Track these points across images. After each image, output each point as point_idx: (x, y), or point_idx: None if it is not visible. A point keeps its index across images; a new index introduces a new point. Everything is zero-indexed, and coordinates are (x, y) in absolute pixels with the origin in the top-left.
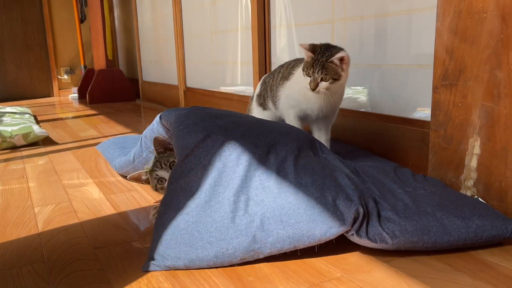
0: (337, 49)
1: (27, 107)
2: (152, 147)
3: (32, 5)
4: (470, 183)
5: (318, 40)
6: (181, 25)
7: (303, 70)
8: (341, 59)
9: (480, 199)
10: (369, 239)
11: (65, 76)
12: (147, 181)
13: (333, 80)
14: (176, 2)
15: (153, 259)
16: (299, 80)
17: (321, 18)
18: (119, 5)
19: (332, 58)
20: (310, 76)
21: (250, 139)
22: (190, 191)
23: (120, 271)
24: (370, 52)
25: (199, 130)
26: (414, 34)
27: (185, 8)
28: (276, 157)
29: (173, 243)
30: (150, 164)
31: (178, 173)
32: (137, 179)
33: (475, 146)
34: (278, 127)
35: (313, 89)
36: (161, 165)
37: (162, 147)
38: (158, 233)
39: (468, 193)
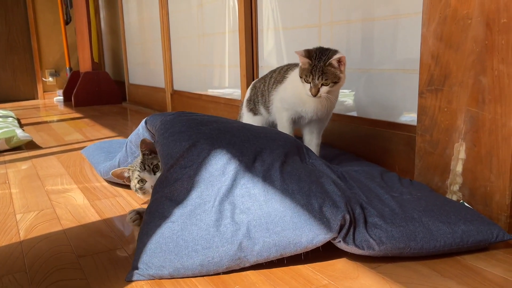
0: (332, 51)
1: (11, 110)
2: (138, 152)
3: (16, 6)
4: (455, 187)
5: (305, 44)
6: (168, 27)
7: (301, 77)
8: (339, 60)
9: (465, 204)
10: (356, 246)
11: (50, 79)
12: (128, 180)
13: (334, 83)
14: (163, 4)
15: (137, 268)
16: (294, 84)
17: (308, 22)
18: (105, 7)
19: (330, 60)
20: (310, 83)
21: (236, 147)
22: (175, 200)
23: (104, 280)
24: (357, 57)
25: (184, 138)
26: (400, 39)
27: (172, 10)
28: (262, 164)
29: (158, 251)
30: (134, 163)
31: (164, 183)
32: (119, 176)
33: (460, 151)
34: (264, 133)
35: (315, 95)
36: (144, 166)
37: (148, 150)
38: (143, 242)
39: (454, 198)
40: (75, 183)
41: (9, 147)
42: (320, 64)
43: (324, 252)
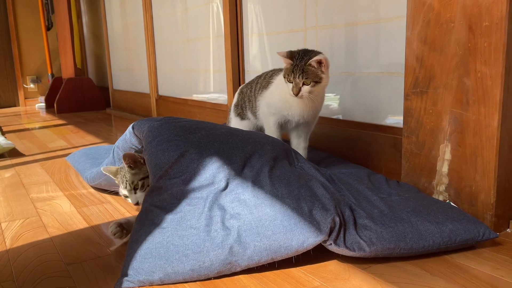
0: (315, 52)
1: None
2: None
3: None
4: (442, 188)
5: (290, 48)
6: (152, 32)
7: (284, 77)
8: (319, 62)
9: (452, 204)
10: (347, 248)
11: (31, 85)
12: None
13: (315, 83)
14: (146, 9)
15: (126, 275)
16: (279, 88)
17: (293, 27)
18: (87, 12)
19: (310, 61)
20: (292, 82)
21: (225, 155)
22: (165, 208)
23: (93, 287)
24: (342, 60)
25: (173, 148)
26: (384, 43)
27: (156, 15)
28: (251, 169)
29: (148, 257)
30: (121, 169)
31: (153, 193)
32: (109, 172)
33: (445, 152)
34: (253, 138)
35: (296, 94)
36: (125, 185)
37: (132, 161)
38: (133, 248)
39: (441, 198)
40: (61, 190)
41: None
42: (301, 64)
43: (315, 254)
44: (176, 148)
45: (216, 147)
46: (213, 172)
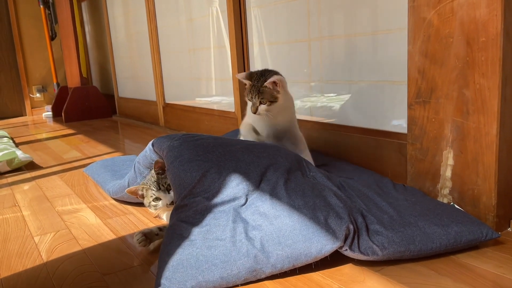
0: (271, 73)
1: (3, 129)
2: (146, 172)
3: (0, 23)
4: (446, 191)
5: (294, 58)
6: (157, 41)
7: (245, 96)
8: (274, 83)
9: (456, 206)
10: (361, 252)
11: (38, 95)
12: (142, 197)
13: (271, 102)
14: (151, 19)
15: (160, 285)
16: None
17: (297, 37)
18: (90, 22)
19: (265, 83)
20: (251, 101)
21: (242, 171)
22: (191, 223)
23: None
24: (346, 69)
25: (194, 168)
26: (388, 53)
27: (161, 25)
28: (267, 183)
29: (180, 267)
30: (147, 181)
31: (179, 210)
32: (133, 193)
33: (448, 158)
34: (267, 153)
35: (254, 112)
36: (159, 186)
37: (161, 169)
38: (164, 260)
39: (445, 201)
40: (84, 202)
41: (10, 168)
42: (258, 85)
43: (332, 259)
44: (198, 168)
45: (234, 165)
46: (233, 188)
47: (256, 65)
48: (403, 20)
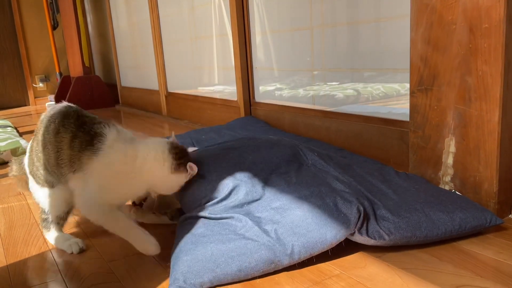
0: None
1: (6, 119)
2: None
3: (2, 13)
4: (447, 178)
5: (296, 46)
6: (159, 31)
7: None
8: None
9: (457, 193)
10: (369, 236)
11: (40, 84)
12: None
13: None
14: (153, 8)
15: (177, 282)
16: None
17: (299, 25)
18: (92, 11)
19: None
20: None
21: (244, 179)
22: (202, 222)
23: (136, 282)
24: (349, 57)
25: (196, 193)
26: (391, 40)
27: (163, 14)
28: (271, 185)
29: (195, 261)
30: None
31: (188, 223)
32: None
33: (450, 145)
34: (261, 156)
35: None
36: None
37: None
38: (177, 256)
39: (447, 188)
40: None
41: (14, 157)
42: None
43: (335, 246)
44: (201, 182)
45: (234, 172)
46: (242, 197)
47: (258, 53)
48: (406, 7)
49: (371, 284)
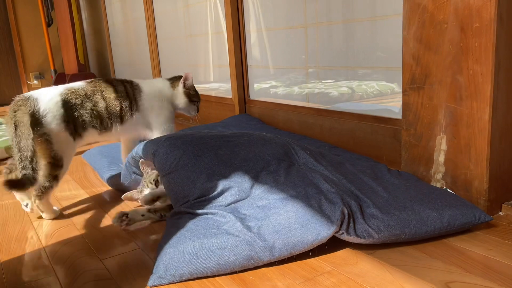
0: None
1: (0, 116)
2: (138, 171)
3: None
4: (439, 176)
5: (291, 44)
6: (154, 28)
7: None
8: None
9: (448, 190)
10: (357, 236)
11: (35, 81)
12: (138, 200)
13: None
14: (148, 5)
15: (158, 271)
16: None
17: (293, 23)
18: (87, 8)
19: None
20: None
21: (233, 177)
22: (189, 217)
23: (130, 279)
24: (342, 55)
25: (185, 182)
26: (384, 38)
27: (158, 12)
28: (260, 183)
29: (177, 254)
30: (140, 186)
31: (176, 215)
32: (130, 199)
33: (442, 143)
34: (252, 152)
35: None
36: (147, 184)
37: (148, 167)
38: (162, 248)
39: (438, 185)
40: (82, 188)
41: (8, 155)
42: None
43: (326, 242)
44: (188, 180)
45: (223, 169)
46: (231, 196)
47: (253, 51)
48: (399, 6)
49: (362, 280)
